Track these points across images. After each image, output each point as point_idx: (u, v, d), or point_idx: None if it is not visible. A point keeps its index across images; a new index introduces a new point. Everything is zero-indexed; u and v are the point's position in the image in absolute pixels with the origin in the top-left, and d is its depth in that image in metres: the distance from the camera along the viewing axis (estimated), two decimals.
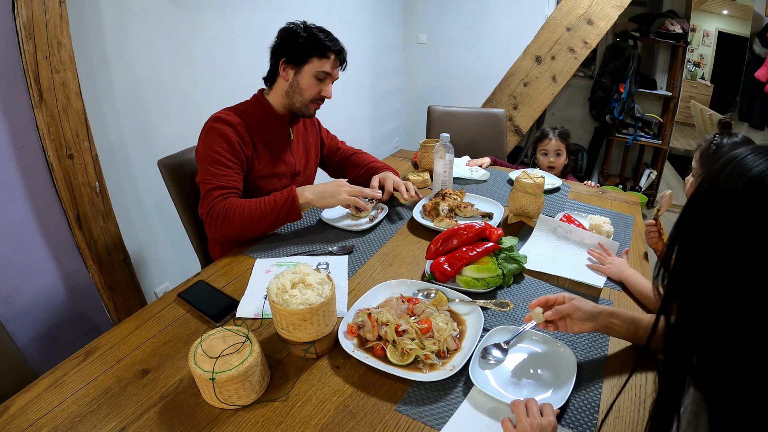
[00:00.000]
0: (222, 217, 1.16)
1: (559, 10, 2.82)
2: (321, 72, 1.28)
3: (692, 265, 0.46)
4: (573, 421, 0.72)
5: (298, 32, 1.25)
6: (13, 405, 0.74)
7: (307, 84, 1.28)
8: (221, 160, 1.23)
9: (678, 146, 3.51)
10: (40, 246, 1.48)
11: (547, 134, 1.92)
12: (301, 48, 1.24)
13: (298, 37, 1.25)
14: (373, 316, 0.85)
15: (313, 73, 1.27)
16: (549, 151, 1.91)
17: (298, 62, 1.27)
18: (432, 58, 3.65)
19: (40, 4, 1.30)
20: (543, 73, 2.93)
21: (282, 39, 1.28)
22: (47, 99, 1.37)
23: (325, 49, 1.25)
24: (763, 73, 2.74)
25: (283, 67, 1.28)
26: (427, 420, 0.72)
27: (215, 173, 1.22)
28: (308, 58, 1.26)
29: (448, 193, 1.41)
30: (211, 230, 1.19)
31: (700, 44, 3.28)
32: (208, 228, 1.20)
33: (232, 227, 1.17)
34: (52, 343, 1.54)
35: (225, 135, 1.24)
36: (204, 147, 1.25)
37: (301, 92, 1.30)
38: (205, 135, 1.27)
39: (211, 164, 1.22)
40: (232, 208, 1.17)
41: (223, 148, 1.24)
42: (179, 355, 0.84)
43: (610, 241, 1.20)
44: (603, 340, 0.89)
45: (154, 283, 1.97)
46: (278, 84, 1.32)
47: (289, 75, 1.28)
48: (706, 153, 1.04)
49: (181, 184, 1.42)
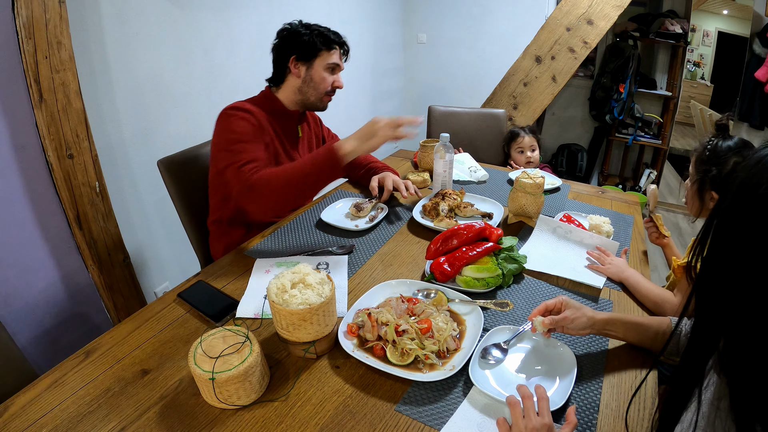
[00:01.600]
0: (261, 187, 1.11)
1: (559, 10, 2.82)
2: (331, 63, 1.32)
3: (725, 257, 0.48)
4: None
5: (300, 30, 1.28)
6: (13, 405, 0.74)
7: (320, 77, 1.32)
8: (245, 138, 1.20)
9: (678, 146, 3.51)
10: (40, 246, 1.48)
11: (518, 133, 2.06)
12: (310, 43, 1.28)
13: (302, 34, 1.28)
14: (373, 316, 0.85)
15: (323, 66, 1.31)
16: (524, 148, 2.03)
17: (309, 57, 1.30)
18: (432, 58, 3.64)
19: (40, 4, 1.30)
20: (543, 73, 2.93)
21: (286, 38, 1.30)
22: (47, 99, 1.37)
23: (331, 42, 1.31)
24: (763, 73, 2.74)
25: (294, 64, 1.30)
26: (427, 420, 0.72)
27: (240, 151, 1.17)
28: (318, 52, 1.29)
29: (448, 193, 1.41)
30: (252, 204, 1.15)
31: (700, 44, 3.28)
32: (250, 202, 1.15)
33: (273, 196, 1.12)
34: (52, 343, 1.54)
35: (245, 119, 1.24)
36: (223, 132, 1.22)
37: (316, 85, 1.33)
38: (224, 122, 1.24)
39: (234, 144, 1.19)
40: (269, 176, 1.12)
41: (245, 129, 1.22)
42: (179, 355, 0.84)
43: (610, 241, 1.20)
44: (603, 339, 0.89)
45: (153, 283, 1.97)
46: (289, 82, 1.34)
47: (301, 71, 1.31)
48: (701, 157, 1.03)
49: (181, 184, 1.43)
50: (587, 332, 0.81)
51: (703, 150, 1.02)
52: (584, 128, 3.64)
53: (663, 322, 0.83)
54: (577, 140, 3.66)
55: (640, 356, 0.85)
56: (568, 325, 0.80)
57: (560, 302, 0.83)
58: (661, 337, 0.82)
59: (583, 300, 1.02)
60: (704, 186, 1.02)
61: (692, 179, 1.06)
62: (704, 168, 1.01)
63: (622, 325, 0.82)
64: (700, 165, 1.03)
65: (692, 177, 1.06)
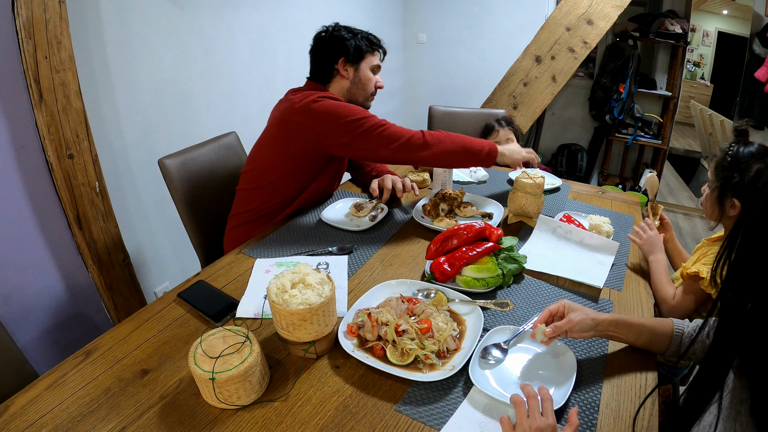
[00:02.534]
0: (437, 138, 1.26)
1: (558, 10, 2.82)
2: (375, 66, 1.40)
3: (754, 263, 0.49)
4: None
5: (344, 35, 1.34)
6: (13, 405, 0.74)
7: (367, 77, 1.39)
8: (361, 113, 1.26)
9: (678, 146, 3.51)
10: (40, 246, 1.48)
11: (493, 127, 1.99)
12: (358, 47, 1.35)
13: (348, 38, 1.34)
14: (373, 316, 0.85)
15: (369, 67, 1.39)
16: (501, 141, 1.96)
17: (357, 60, 1.36)
18: (432, 58, 3.64)
19: (40, 4, 1.30)
20: (543, 73, 2.93)
21: (330, 41, 1.34)
22: (47, 99, 1.37)
23: (374, 44, 1.40)
24: (763, 73, 2.74)
25: (343, 66, 1.35)
26: (427, 420, 0.72)
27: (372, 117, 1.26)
28: (364, 55, 1.37)
29: (448, 193, 1.41)
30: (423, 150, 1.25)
31: (700, 44, 3.28)
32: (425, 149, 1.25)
33: (446, 145, 1.27)
34: (52, 343, 1.54)
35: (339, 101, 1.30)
36: (331, 114, 1.24)
37: (364, 86, 1.39)
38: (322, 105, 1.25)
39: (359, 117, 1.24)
40: (440, 134, 1.27)
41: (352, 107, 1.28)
42: (179, 355, 0.84)
43: (610, 241, 1.20)
44: (603, 339, 0.89)
45: (153, 283, 1.97)
46: (336, 83, 1.38)
47: (350, 73, 1.36)
48: (721, 164, 1.01)
49: (182, 183, 1.43)
50: (590, 335, 0.81)
51: (723, 156, 1.01)
52: (584, 128, 3.64)
53: (666, 324, 0.83)
54: (577, 140, 3.66)
55: (640, 357, 0.85)
56: (573, 328, 0.79)
57: (563, 306, 0.82)
58: (661, 339, 0.82)
59: (583, 300, 1.02)
60: (725, 192, 1.00)
61: (712, 185, 1.04)
62: (725, 174, 1.00)
63: (626, 327, 0.82)
64: (721, 171, 1.01)
65: (712, 183, 1.04)
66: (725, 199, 1.01)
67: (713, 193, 1.03)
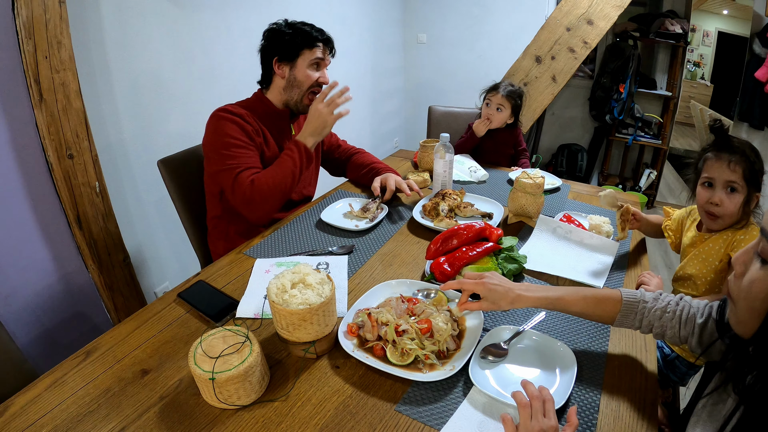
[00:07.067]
0: (264, 196, 1.21)
1: (559, 10, 2.82)
2: (315, 59, 1.32)
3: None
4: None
5: (282, 30, 1.29)
6: (13, 405, 0.74)
7: (304, 75, 1.32)
8: (238, 143, 1.24)
9: (678, 146, 3.51)
10: (40, 246, 1.48)
11: (497, 88, 1.88)
12: (291, 43, 1.28)
13: (284, 34, 1.28)
14: (372, 316, 0.85)
15: (306, 64, 1.32)
16: (491, 102, 1.87)
17: (291, 57, 1.30)
18: (432, 58, 3.64)
19: (40, 4, 1.30)
20: (543, 73, 2.93)
21: (269, 39, 1.31)
22: (47, 99, 1.37)
23: (313, 40, 1.30)
24: (763, 73, 2.74)
25: (277, 65, 1.31)
26: (427, 420, 0.72)
27: (236, 155, 1.23)
28: (299, 52, 1.30)
29: (448, 193, 1.41)
30: (252, 214, 1.23)
31: (700, 44, 3.28)
32: (252, 210, 1.23)
33: (273, 201, 1.24)
34: (52, 343, 1.54)
35: (236, 122, 1.26)
36: (216, 135, 1.25)
37: (300, 84, 1.34)
38: (215, 125, 1.27)
39: (228, 149, 1.23)
40: (262, 185, 1.21)
41: (237, 133, 1.25)
42: (179, 355, 0.84)
43: (610, 241, 1.20)
44: (603, 339, 0.89)
45: (154, 283, 1.97)
46: (275, 82, 1.35)
47: (285, 71, 1.32)
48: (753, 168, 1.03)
49: (181, 184, 1.43)
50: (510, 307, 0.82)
51: (745, 160, 1.01)
52: (584, 128, 3.64)
53: (614, 293, 0.81)
54: (577, 140, 3.66)
55: (641, 357, 0.85)
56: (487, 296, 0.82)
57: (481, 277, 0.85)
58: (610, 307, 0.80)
59: None
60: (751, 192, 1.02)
61: (740, 190, 1.03)
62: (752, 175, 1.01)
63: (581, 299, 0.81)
64: (749, 174, 1.01)
65: (740, 188, 1.03)
66: (751, 199, 1.03)
67: (741, 198, 1.02)
